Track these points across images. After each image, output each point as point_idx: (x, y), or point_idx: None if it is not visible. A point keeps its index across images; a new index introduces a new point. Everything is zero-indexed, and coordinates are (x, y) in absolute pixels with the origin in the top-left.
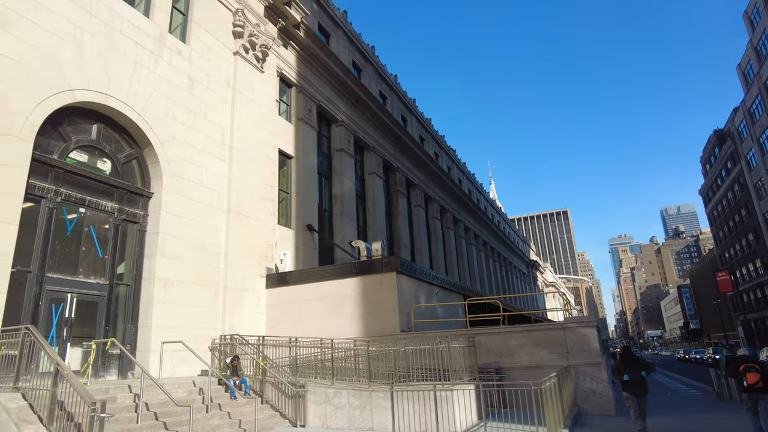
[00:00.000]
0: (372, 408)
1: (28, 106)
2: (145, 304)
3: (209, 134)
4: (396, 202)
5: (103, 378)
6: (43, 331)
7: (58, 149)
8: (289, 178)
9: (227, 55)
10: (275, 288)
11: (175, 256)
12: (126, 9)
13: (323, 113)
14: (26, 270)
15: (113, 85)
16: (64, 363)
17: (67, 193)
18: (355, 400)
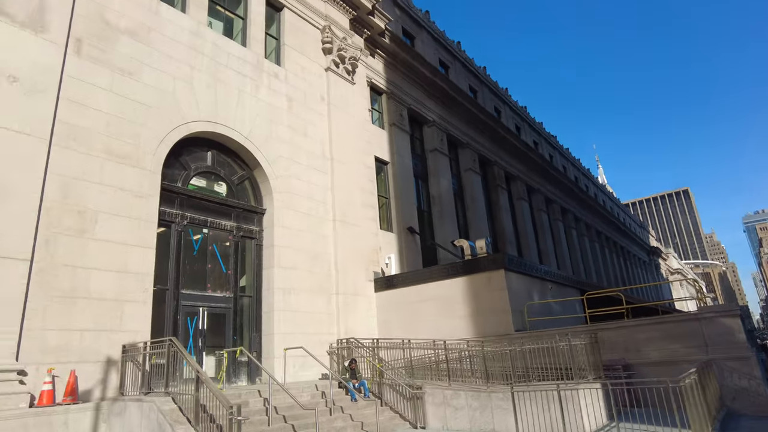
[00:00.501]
0: (492, 409)
1: (155, 143)
2: (267, 313)
3: (310, 149)
4: (496, 197)
5: (235, 383)
6: (182, 342)
7: (180, 177)
8: (387, 183)
9: (320, 71)
10: (383, 291)
11: (290, 266)
12: (227, 43)
13: (414, 115)
14: (164, 288)
15: (221, 113)
16: (203, 370)
17: (192, 216)
18: (473, 401)
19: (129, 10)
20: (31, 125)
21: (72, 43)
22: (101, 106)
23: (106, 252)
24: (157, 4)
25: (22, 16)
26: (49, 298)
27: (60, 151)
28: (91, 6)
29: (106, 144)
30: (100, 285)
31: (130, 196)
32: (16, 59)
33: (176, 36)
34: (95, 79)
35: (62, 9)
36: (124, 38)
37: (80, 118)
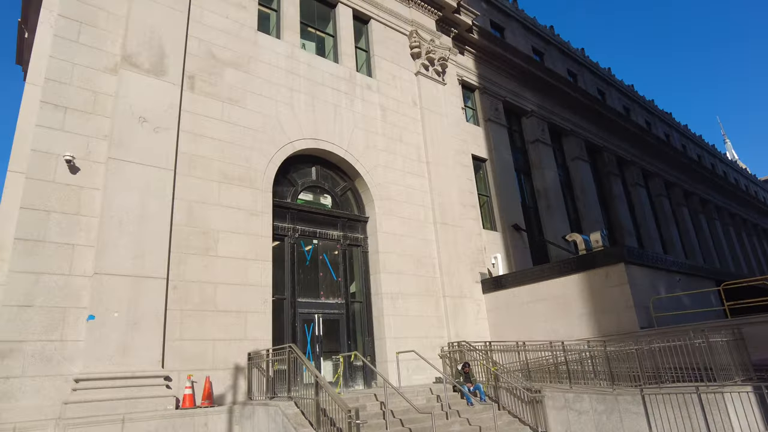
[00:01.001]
0: (620, 413)
1: (264, 163)
2: (377, 317)
3: (407, 155)
4: (609, 185)
5: (352, 387)
6: (301, 348)
7: (289, 193)
8: (487, 181)
9: (410, 77)
10: (492, 293)
11: (396, 271)
12: (320, 61)
13: (510, 108)
14: (282, 297)
15: (321, 130)
16: (321, 375)
17: (302, 228)
18: (598, 404)
19: (231, 44)
20: (159, 158)
21: (186, 80)
22: (215, 135)
23: (228, 267)
24: (255, 34)
25: (147, 64)
26: (183, 312)
27: (183, 179)
28: (201, 45)
29: (222, 169)
30: (225, 298)
31: (246, 214)
32: (145, 102)
33: (274, 61)
34: (208, 110)
35: (177, 51)
36: (229, 70)
37: (198, 147)
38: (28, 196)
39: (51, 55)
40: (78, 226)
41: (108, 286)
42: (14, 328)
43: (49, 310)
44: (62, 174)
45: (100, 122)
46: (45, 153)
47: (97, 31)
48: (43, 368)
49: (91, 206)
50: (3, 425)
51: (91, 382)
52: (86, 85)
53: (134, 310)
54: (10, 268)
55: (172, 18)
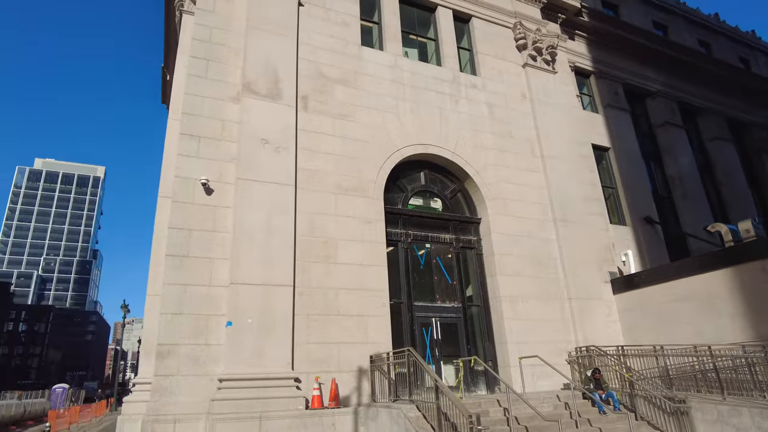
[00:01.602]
0: None
1: (374, 172)
2: (496, 321)
3: (518, 151)
4: (760, 166)
5: (474, 392)
6: (420, 351)
7: (400, 200)
8: (610, 171)
9: (517, 70)
10: (624, 293)
11: (513, 273)
12: (423, 67)
13: (632, 90)
14: (399, 301)
15: (427, 134)
16: (440, 380)
17: (414, 233)
18: (763, 421)
19: (338, 61)
20: (281, 176)
21: (300, 101)
22: (328, 150)
23: (347, 273)
24: (359, 49)
25: (264, 90)
26: (309, 317)
27: (302, 193)
28: (310, 66)
29: (336, 181)
30: (346, 303)
31: (360, 222)
32: (265, 125)
33: (378, 73)
34: (321, 127)
35: (289, 74)
36: (338, 87)
37: (314, 162)
38: (174, 217)
39: (185, 92)
40: (215, 242)
41: (242, 295)
42: (170, 333)
43: (195, 317)
44: (200, 196)
45: (229, 147)
46: (185, 178)
47: (221, 66)
48: (193, 368)
49: (225, 223)
50: (165, 416)
51: (231, 382)
52: (215, 115)
53: (266, 316)
54: (164, 281)
55: (282, 44)
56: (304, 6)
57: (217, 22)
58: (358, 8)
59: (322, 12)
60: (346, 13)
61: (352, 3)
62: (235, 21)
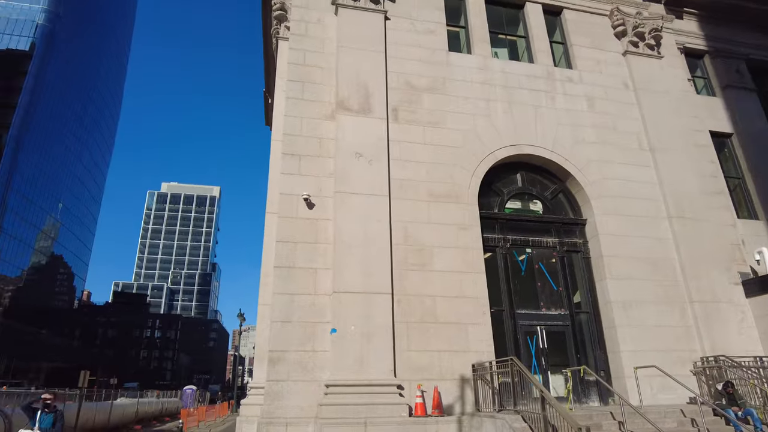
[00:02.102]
0: None
1: (467, 178)
2: (608, 329)
3: (624, 145)
4: None
5: (586, 404)
6: (525, 361)
7: (496, 204)
8: (735, 159)
9: (616, 59)
10: (760, 296)
11: (624, 276)
12: (514, 66)
13: (757, 66)
14: (500, 309)
15: (522, 134)
16: (546, 390)
17: (513, 238)
18: None
19: (426, 70)
20: (375, 187)
21: (390, 113)
22: (419, 158)
23: (444, 281)
24: (447, 55)
25: (357, 106)
26: (408, 325)
27: (396, 202)
28: (399, 78)
29: (428, 188)
30: (444, 310)
31: (455, 229)
32: (358, 139)
33: (467, 77)
34: (411, 136)
35: (379, 88)
36: (427, 95)
37: (406, 172)
38: (281, 231)
39: (285, 114)
40: (317, 253)
41: (344, 303)
42: (280, 340)
43: (302, 325)
44: (302, 210)
45: (326, 163)
46: (289, 194)
47: (316, 86)
48: (302, 374)
49: (326, 235)
50: (278, 419)
51: (337, 388)
52: (312, 134)
53: (367, 323)
54: (273, 291)
55: (371, 60)
56: (390, 20)
57: (310, 45)
58: (444, 15)
59: (407, 23)
60: (431, 21)
61: (437, 11)
62: (326, 43)
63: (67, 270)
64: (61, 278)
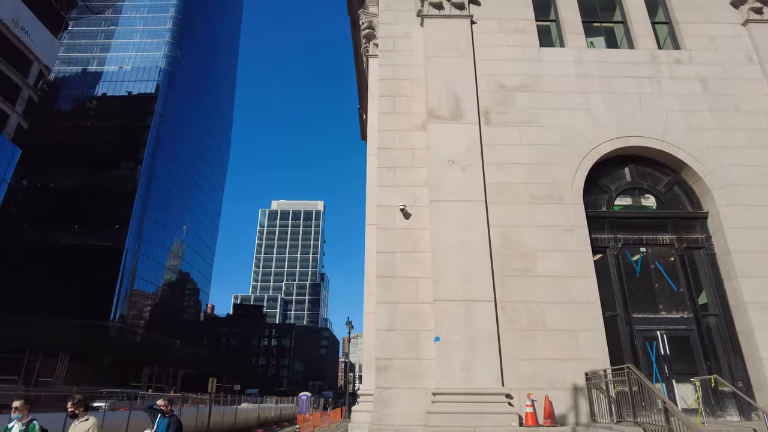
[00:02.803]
0: None
1: (569, 176)
2: (743, 333)
3: (749, 126)
4: None
5: (722, 417)
6: (645, 369)
7: (603, 201)
8: None
9: (734, 31)
10: None
11: (759, 274)
12: (612, 54)
13: None
14: (614, 314)
15: (626, 125)
16: (670, 401)
17: (625, 237)
18: None
19: (517, 69)
20: (470, 193)
21: (482, 116)
22: (515, 160)
23: (549, 286)
24: (538, 51)
25: (447, 113)
26: (514, 332)
27: (494, 207)
28: (489, 80)
29: (528, 190)
30: (552, 317)
31: (559, 231)
32: (450, 146)
33: (561, 71)
34: (505, 138)
35: (469, 94)
36: (519, 94)
37: (502, 175)
38: (380, 242)
39: (378, 128)
40: (416, 262)
41: (445, 311)
42: (386, 348)
43: (406, 333)
44: (399, 221)
45: (419, 173)
46: (386, 206)
47: (406, 99)
48: (408, 381)
49: (423, 244)
50: (387, 426)
51: (443, 396)
52: (405, 145)
53: (471, 331)
54: (376, 300)
55: (459, 66)
56: (476, 23)
57: (398, 59)
58: (532, 11)
59: (495, 24)
60: (520, 19)
61: (525, 8)
62: (414, 55)
63: (193, 285)
64: (189, 293)
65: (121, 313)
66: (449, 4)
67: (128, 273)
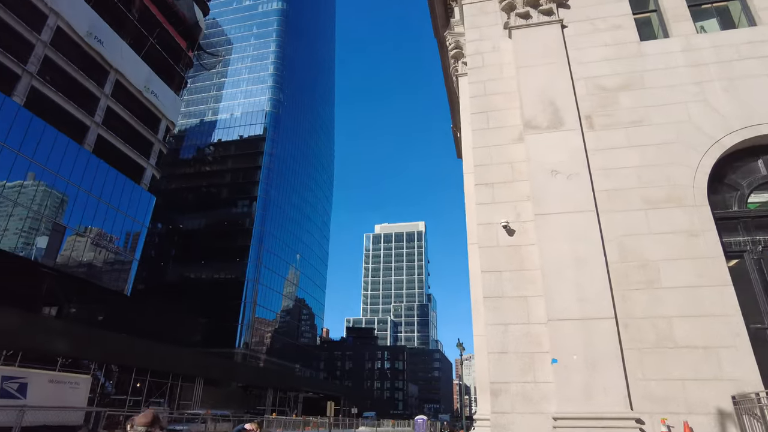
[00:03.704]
0: None
1: (688, 176)
2: None
3: None
4: None
5: None
6: None
7: (733, 200)
8: None
9: None
10: None
11: None
12: (727, 36)
13: None
14: (761, 327)
15: (754, 112)
16: None
17: (765, 239)
18: None
19: (618, 68)
20: (577, 203)
21: (584, 121)
22: (625, 163)
23: (678, 299)
24: (639, 46)
25: (545, 122)
26: (640, 351)
27: (605, 216)
28: (587, 83)
29: (642, 195)
30: (683, 332)
31: (684, 237)
32: (552, 156)
33: (668, 63)
34: (612, 142)
35: (567, 100)
36: (622, 94)
37: (611, 181)
38: (484, 261)
39: (473, 146)
40: (524, 280)
41: (561, 331)
42: (499, 372)
43: (519, 355)
44: (503, 238)
45: (520, 187)
46: (487, 224)
47: (499, 113)
48: (525, 406)
49: (531, 261)
50: None
51: (565, 421)
52: (502, 160)
53: (590, 351)
54: (485, 322)
55: (553, 73)
56: (567, 27)
57: (488, 74)
58: (627, 5)
59: (587, 25)
60: (614, 15)
61: (619, 2)
62: (504, 68)
63: (308, 311)
64: (305, 318)
65: (245, 340)
66: (536, 12)
67: (249, 302)
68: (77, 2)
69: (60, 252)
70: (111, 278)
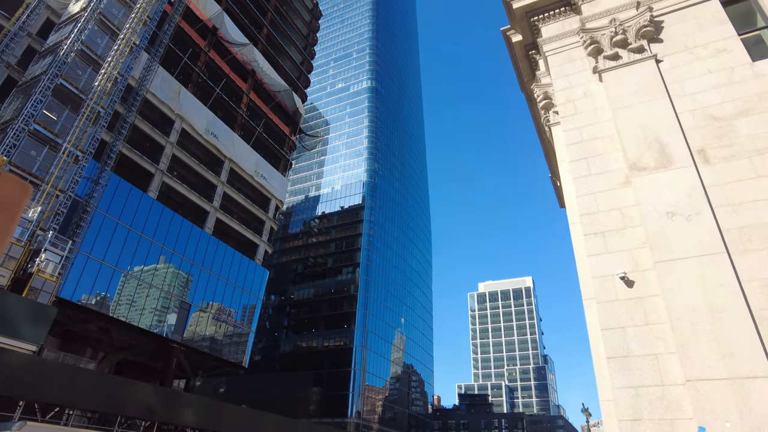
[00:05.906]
0: None
1: None
2: None
3: None
4: None
5: None
6: None
7: None
8: None
9: None
10: None
11: None
12: None
13: None
14: None
15: None
16: None
17: None
18: None
19: (729, 94)
20: (703, 246)
21: (697, 156)
22: (753, 197)
23: None
24: (751, 67)
25: (652, 162)
26: None
27: (738, 257)
28: (695, 115)
29: None
30: None
31: None
32: (665, 197)
33: None
34: (734, 174)
35: (674, 135)
36: (739, 121)
37: (741, 218)
38: (602, 318)
39: (576, 195)
40: (652, 336)
41: (704, 393)
42: None
43: (656, 422)
44: (621, 291)
45: (634, 233)
46: (602, 277)
47: (600, 158)
48: None
49: (656, 314)
50: None
51: None
52: (610, 206)
53: (748, 417)
54: (612, 385)
55: (655, 110)
56: (662, 61)
57: (582, 121)
58: (731, 27)
59: (686, 55)
60: (716, 40)
61: (721, 25)
62: (599, 112)
63: (417, 377)
64: (414, 384)
65: (357, 409)
66: (626, 52)
67: (359, 369)
68: (197, 105)
69: (186, 327)
70: (230, 350)
